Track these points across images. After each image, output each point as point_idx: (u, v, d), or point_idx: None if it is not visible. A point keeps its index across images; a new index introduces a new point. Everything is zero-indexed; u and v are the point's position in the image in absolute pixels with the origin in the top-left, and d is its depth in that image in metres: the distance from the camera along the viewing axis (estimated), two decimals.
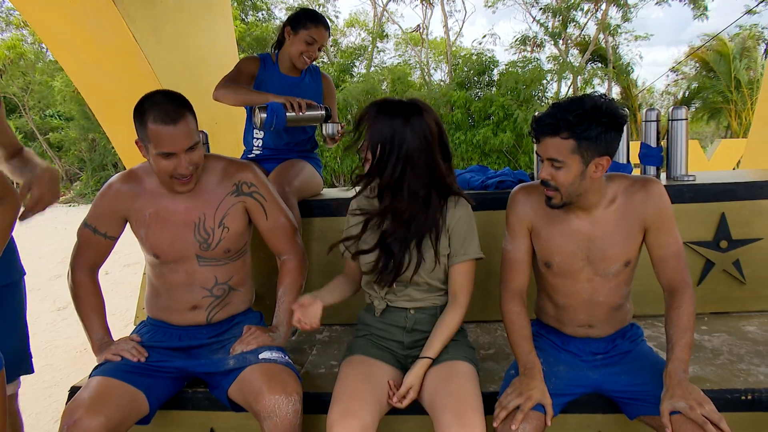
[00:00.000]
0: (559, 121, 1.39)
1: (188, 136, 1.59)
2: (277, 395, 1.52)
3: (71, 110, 17.74)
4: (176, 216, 1.70)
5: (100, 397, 1.51)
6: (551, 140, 1.42)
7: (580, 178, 1.44)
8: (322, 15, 2.50)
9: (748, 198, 2.27)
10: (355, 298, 1.88)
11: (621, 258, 1.54)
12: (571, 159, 1.41)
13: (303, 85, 2.53)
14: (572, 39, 17.55)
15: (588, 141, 1.39)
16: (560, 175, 1.44)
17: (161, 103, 1.58)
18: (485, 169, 2.71)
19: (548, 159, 1.45)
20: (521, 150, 13.75)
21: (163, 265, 1.74)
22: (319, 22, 2.44)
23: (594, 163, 1.42)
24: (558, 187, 1.46)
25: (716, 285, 2.29)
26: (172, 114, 1.56)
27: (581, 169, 1.43)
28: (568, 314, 1.63)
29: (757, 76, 15.38)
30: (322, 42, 2.46)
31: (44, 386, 3.56)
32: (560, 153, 1.42)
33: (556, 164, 1.43)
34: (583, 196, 1.49)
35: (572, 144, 1.40)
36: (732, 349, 1.93)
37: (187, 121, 1.59)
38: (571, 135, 1.39)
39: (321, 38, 2.44)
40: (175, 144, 1.58)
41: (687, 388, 1.37)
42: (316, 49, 2.45)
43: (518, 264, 1.62)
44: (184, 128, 1.58)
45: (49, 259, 8.55)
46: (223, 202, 1.74)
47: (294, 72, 2.53)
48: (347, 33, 19.52)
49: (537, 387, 1.46)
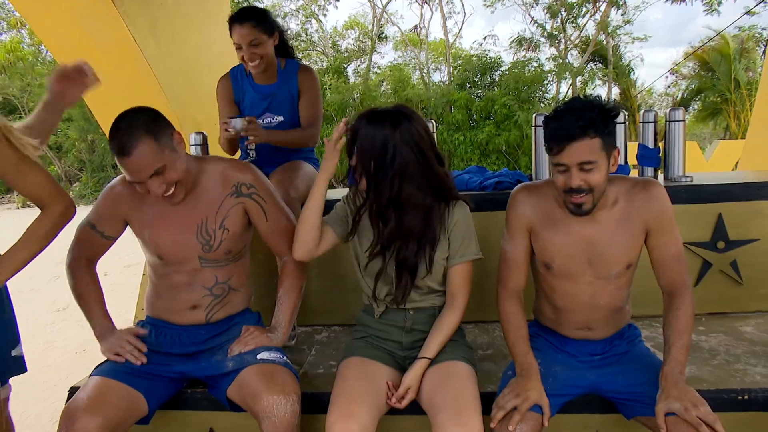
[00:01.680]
0: (584, 122, 1.38)
1: (146, 165, 1.52)
2: (275, 395, 1.52)
3: (70, 112, 17.74)
4: (179, 218, 1.71)
5: (98, 397, 1.51)
6: (581, 143, 1.39)
7: (606, 174, 1.45)
8: (240, 10, 2.26)
9: (745, 199, 2.28)
10: (354, 299, 1.89)
11: (622, 261, 1.54)
12: (600, 157, 1.42)
13: (279, 93, 2.39)
14: (572, 40, 17.56)
15: (608, 136, 1.42)
16: (593, 177, 1.42)
17: (118, 133, 1.52)
18: (483, 170, 2.71)
19: (579, 164, 1.40)
20: (521, 151, 13.76)
21: (165, 266, 1.75)
22: (232, 22, 2.24)
23: (612, 157, 1.45)
24: (593, 189, 1.43)
25: (713, 285, 2.30)
26: (126, 146, 1.50)
27: (607, 166, 1.44)
28: (567, 316, 1.63)
29: (756, 77, 15.39)
30: (246, 41, 2.22)
31: (43, 387, 3.56)
32: (593, 153, 1.40)
33: (587, 167, 1.40)
34: (604, 194, 1.49)
35: (599, 142, 1.40)
36: (729, 350, 1.94)
37: (142, 151, 1.50)
38: (596, 134, 1.40)
39: (241, 38, 2.22)
40: (136, 174, 1.54)
41: (682, 389, 1.38)
42: (248, 48, 2.23)
43: (516, 264, 1.62)
44: (140, 158, 1.51)
45: (47, 261, 8.53)
46: (223, 204, 1.74)
47: (267, 79, 2.38)
48: (346, 35, 19.53)
49: (534, 388, 1.46)
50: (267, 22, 2.28)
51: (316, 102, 2.41)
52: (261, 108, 2.41)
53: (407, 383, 1.55)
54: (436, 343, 1.61)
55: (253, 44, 2.23)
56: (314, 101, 2.41)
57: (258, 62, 2.26)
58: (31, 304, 5.75)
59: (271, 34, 2.29)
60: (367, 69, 17.66)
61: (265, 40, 2.27)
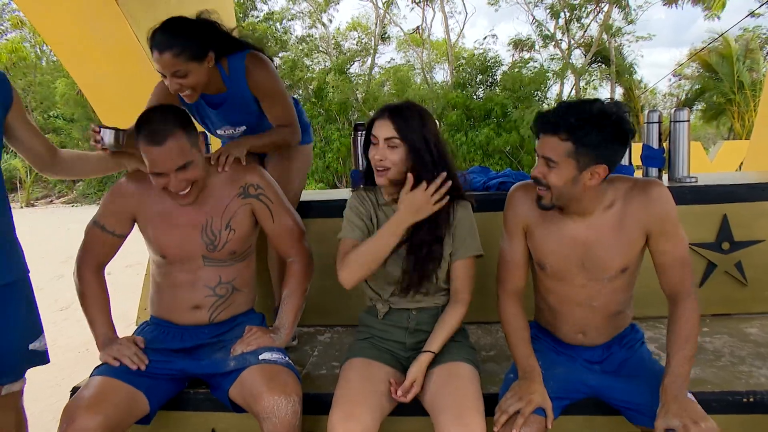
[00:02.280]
0: (560, 120, 1.35)
1: (175, 157, 1.55)
2: (277, 396, 1.52)
3: (74, 112, 17.81)
4: (184, 217, 1.71)
5: (99, 396, 1.52)
6: (549, 139, 1.38)
7: (572, 183, 1.39)
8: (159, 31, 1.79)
9: (750, 200, 2.27)
10: (357, 300, 1.88)
11: (617, 265, 1.50)
12: (565, 162, 1.37)
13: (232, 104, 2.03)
14: (575, 40, 17.54)
15: (586, 147, 1.34)
16: (552, 176, 1.40)
17: (151, 122, 1.55)
18: (487, 170, 2.70)
19: (543, 157, 1.41)
20: (524, 151, 13.75)
21: (169, 264, 1.75)
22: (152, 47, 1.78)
23: (590, 170, 1.37)
24: (549, 187, 1.42)
25: (718, 287, 2.28)
26: (159, 135, 1.53)
27: (574, 174, 1.38)
28: (562, 317, 1.60)
29: (760, 77, 15.35)
30: (169, 71, 1.78)
31: (46, 386, 3.56)
32: (555, 153, 1.37)
33: (551, 164, 1.39)
34: (576, 201, 1.45)
35: (569, 147, 1.35)
36: (733, 351, 1.93)
37: (175, 140, 1.54)
38: (569, 137, 1.34)
39: (163, 68, 1.78)
40: (163, 165, 1.56)
41: (682, 404, 1.33)
42: (176, 81, 1.79)
43: (514, 264, 1.60)
44: (172, 148, 1.54)
45: (51, 259, 8.57)
46: (230, 205, 1.74)
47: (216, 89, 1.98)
48: (349, 36, 19.55)
49: (537, 390, 1.45)
50: (195, 45, 1.79)
51: (278, 99, 2.03)
52: (219, 121, 2.12)
53: (412, 376, 1.55)
54: (440, 338, 1.61)
55: (179, 75, 1.79)
56: (277, 98, 2.03)
57: (189, 93, 1.85)
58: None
59: (202, 57, 1.82)
60: (370, 69, 17.67)
61: (195, 68, 1.81)
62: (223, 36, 1.95)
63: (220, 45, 1.91)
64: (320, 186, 15.51)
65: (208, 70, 1.87)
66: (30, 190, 19.45)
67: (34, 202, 19.84)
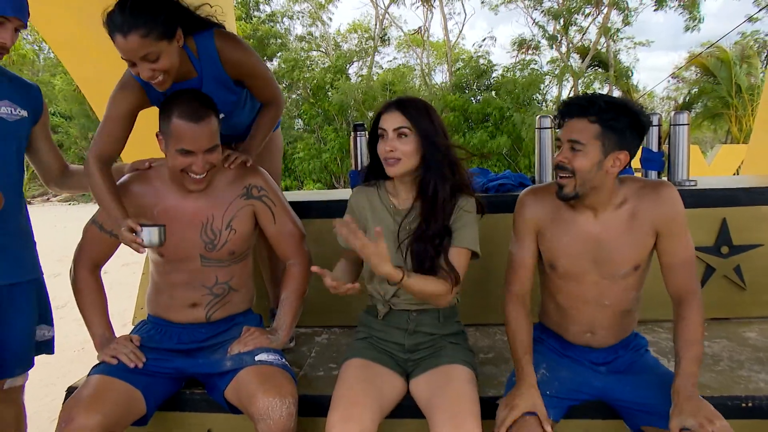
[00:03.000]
0: (589, 103, 1.39)
1: (209, 136, 1.60)
2: (271, 397, 1.51)
3: (71, 109, 17.77)
4: (184, 216, 1.71)
5: (97, 395, 1.51)
6: (577, 121, 1.41)
7: (597, 167, 1.41)
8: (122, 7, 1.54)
9: (749, 204, 2.27)
10: (355, 301, 1.87)
11: (629, 262, 1.51)
12: (592, 144, 1.40)
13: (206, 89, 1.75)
14: (573, 43, 17.59)
15: (612, 131, 1.39)
16: (578, 159, 1.41)
17: (189, 101, 1.58)
18: (486, 171, 2.70)
19: (569, 141, 1.42)
20: (521, 153, 13.77)
21: (166, 263, 1.74)
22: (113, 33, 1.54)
23: (613, 156, 1.41)
24: (574, 172, 1.42)
25: (717, 291, 2.28)
26: (198, 112, 1.57)
27: (600, 158, 1.41)
28: (571, 317, 1.60)
29: (758, 82, 15.41)
30: (137, 56, 1.55)
31: (41, 384, 3.54)
32: (583, 135, 1.40)
33: (577, 146, 1.41)
34: (595, 191, 1.46)
35: (597, 129, 1.39)
36: (732, 356, 1.92)
37: (210, 122, 1.60)
38: (598, 120, 1.39)
39: (129, 54, 1.55)
40: (195, 143, 1.58)
41: (696, 403, 1.34)
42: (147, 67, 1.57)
43: (523, 266, 1.60)
44: (207, 128, 1.59)
45: (47, 258, 8.50)
46: (232, 205, 1.74)
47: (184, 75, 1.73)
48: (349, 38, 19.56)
49: (523, 395, 1.45)
50: (161, 21, 1.56)
51: (259, 73, 1.87)
52: None
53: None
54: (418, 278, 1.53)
55: (149, 59, 1.56)
56: (259, 76, 1.88)
57: (162, 78, 1.61)
58: None
59: (172, 35, 1.59)
60: (369, 70, 17.66)
61: (165, 48, 1.58)
62: (185, 11, 1.70)
63: (184, 22, 1.66)
64: (318, 186, 15.50)
65: (179, 51, 1.64)
66: (27, 188, 19.40)
67: (31, 199, 19.78)
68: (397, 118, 1.56)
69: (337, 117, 15.50)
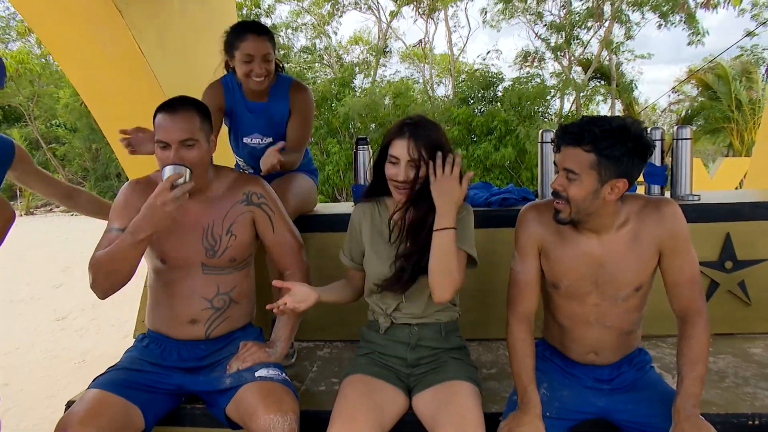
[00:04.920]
0: (584, 132, 1.35)
1: (183, 128, 1.59)
2: (273, 414, 1.50)
3: (76, 122, 17.88)
4: (185, 221, 1.71)
5: (94, 410, 1.50)
6: (572, 150, 1.38)
7: (592, 196, 1.39)
8: (252, 22, 2.15)
9: (753, 218, 2.26)
10: (357, 315, 1.86)
11: (631, 283, 1.49)
12: (587, 174, 1.37)
13: (269, 112, 2.26)
14: (575, 57, 17.67)
15: (609, 159, 1.35)
16: (573, 188, 1.39)
17: (173, 99, 1.65)
18: (489, 185, 2.69)
19: (564, 169, 1.40)
20: (524, 166, 13.77)
21: (167, 271, 1.74)
22: (246, 32, 2.09)
23: (610, 184, 1.38)
24: (569, 200, 1.41)
25: (721, 306, 2.26)
26: (176, 104, 1.61)
27: (595, 187, 1.38)
28: (573, 337, 1.58)
29: (758, 96, 15.46)
30: (261, 53, 2.09)
31: (41, 397, 3.53)
32: (578, 165, 1.37)
33: (572, 176, 1.39)
34: (594, 216, 1.44)
35: (593, 158, 1.36)
36: (738, 372, 1.90)
37: (187, 115, 1.61)
38: (593, 149, 1.35)
39: (257, 49, 2.08)
40: (167, 133, 1.59)
41: (695, 424, 1.33)
42: (261, 63, 2.10)
43: (528, 286, 1.57)
44: (181, 120, 1.60)
45: (49, 268, 8.54)
46: (232, 210, 1.75)
47: (259, 96, 2.24)
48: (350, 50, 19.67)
49: (529, 423, 1.43)
50: (274, 37, 2.18)
51: (306, 124, 2.29)
52: (251, 127, 2.30)
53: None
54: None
55: (267, 59, 2.11)
56: (305, 123, 2.28)
57: (264, 78, 2.13)
58: (31, 312, 5.72)
59: (275, 51, 2.18)
60: (372, 82, 17.75)
61: (274, 56, 2.16)
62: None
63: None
64: (321, 199, 15.50)
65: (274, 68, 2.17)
66: (29, 198, 19.45)
67: (34, 210, 19.83)
68: (412, 149, 1.56)
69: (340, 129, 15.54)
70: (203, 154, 1.66)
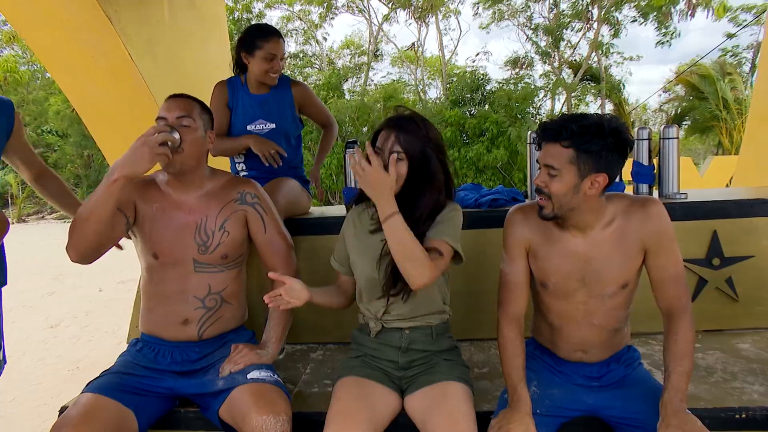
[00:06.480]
0: (562, 128, 1.39)
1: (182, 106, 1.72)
2: (265, 416, 1.51)
3: (67, 128, 17.81)
4: (179, 216, 1.75)
5: (88, 413, 1.50)
6: (552, 146, 1.42)
7: (573, 191, 1.42)
8: (271, 27, 2.50)
9: (739, 216, 2.29)
10: (349, 318, 1.87)
11: (617, 281, 1.51)
12: (567, 168, 1.40)
13: (273, 101, 2.54)
14: (564, 59, 17.79)
15: (587, 154, 1.38)
16: (554, 184, 1.42)
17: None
18: (479, 187, 2.71)
19: (545, 165, 1.44)
20: (516, 167, 13.83)
21: (160, 268, 1.75)
22: (269, 35, 2.43)
23: (590, 178, 1.40)
24: (550, 196, 1.44)
25: (709, 302, 2.29)
26: (176, 96, 1.75)
27: (575, 182, 1.41)
28: (562, 335, 1.60)
29: (742, 95, 15.67)
30: (281, 53, 2.47)
31: (33, 405, 3.51)
32: (557, 160, 1.41)
33: (552, 172, 1.42)
34: (577, 212, 1.47)
35: (571, 153, 1.39)
36: (726, 367, 1.93)
37: (186, 101, 1.74)
38: (571, 144, 1.39)
39: (279, 50, 2.44)
40: (167, 110, 1.71)
41: (683, 418, 1.34)
42: (279, 61, 2.46)
43: (517, 286, 1.59)
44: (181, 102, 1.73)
45: (41, 276, 8.50)
46: (226, 207, 1.79)
47: (263, 89, 2.54)
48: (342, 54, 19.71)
49: (519, 421, 1.44)
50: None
51: (321, 104, 2.74)
52: (254, 114, 2.53)
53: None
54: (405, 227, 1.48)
55: (282, 58, 2.48)
56: (320, 104, 2.73)
57: (279, 72, 2.50)
58: (23, 320, 5.69)
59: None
60: (363, 86, 17.78)
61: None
62: None
63: None
64: (313, 202, 15.44)
65: None
66: (21, 206, 19.35)
67: (26, 217, 19.72)
68: (392, 142, 1.56)
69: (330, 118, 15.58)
70: (197, 138, 1.72)
